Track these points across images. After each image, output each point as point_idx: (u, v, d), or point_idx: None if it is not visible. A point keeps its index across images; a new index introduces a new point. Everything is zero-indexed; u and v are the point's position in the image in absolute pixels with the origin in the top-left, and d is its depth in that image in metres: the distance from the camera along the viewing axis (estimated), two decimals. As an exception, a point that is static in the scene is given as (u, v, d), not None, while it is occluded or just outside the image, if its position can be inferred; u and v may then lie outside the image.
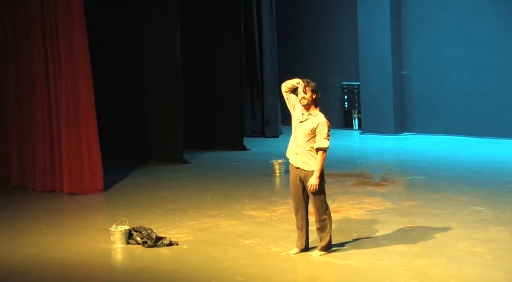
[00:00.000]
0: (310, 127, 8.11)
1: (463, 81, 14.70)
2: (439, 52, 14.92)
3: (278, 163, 12.20)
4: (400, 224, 9.08)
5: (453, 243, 8.43)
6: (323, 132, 8.12)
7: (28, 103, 11.90)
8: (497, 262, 7.81)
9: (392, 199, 10.42)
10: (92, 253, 8.78)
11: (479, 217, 9.42)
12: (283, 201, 10.44)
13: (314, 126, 8.10)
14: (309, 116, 8.15)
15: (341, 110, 16.20)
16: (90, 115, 11.49)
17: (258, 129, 15.74)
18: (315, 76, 16.36)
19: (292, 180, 8.29)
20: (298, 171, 8.19)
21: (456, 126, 14.76)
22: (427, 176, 11.76)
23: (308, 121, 8.14)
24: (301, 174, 8.17)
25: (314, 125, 8.11)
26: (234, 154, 14.08)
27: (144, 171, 12.92)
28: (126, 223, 9.03)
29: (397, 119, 15.33)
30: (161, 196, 11.20)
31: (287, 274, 7.81)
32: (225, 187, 11.55)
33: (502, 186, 10.95)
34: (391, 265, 7.81)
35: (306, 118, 8.15)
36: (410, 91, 15.32)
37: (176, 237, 9.00)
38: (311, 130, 8.11)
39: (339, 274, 7.73)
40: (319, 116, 8.16)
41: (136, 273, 8.06)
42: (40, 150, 11.80)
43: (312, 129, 8.11)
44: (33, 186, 11.93)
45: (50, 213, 10.60)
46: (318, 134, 8.11)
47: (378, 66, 15.28)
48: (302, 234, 8.30)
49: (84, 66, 11.41)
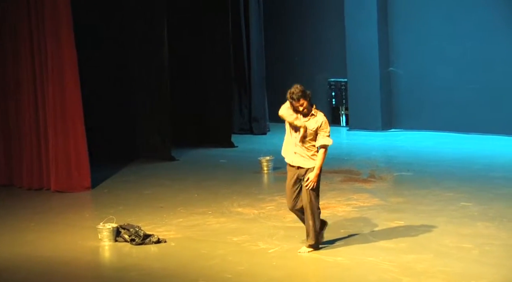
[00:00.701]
0: (314, 127, 8.16)
1: (450, 78, 14.74)
2: (426, 48, 14.94)
3: (266, 160, 12.21)
4: (388, 220, 9.11)
5: (440, 239, 8.46)
6: (326, 129, 8.20)
7: (15, 101, 11.86)
8: (484, 257, 7.85)
9: (379, 196, 10.45)
10: (80, 250, 8.77)
11: (466, 213, 9.46)
12: (271, 197, 10.46)
13: (318, 125, 8.16)
14: (311, 116, 8.18)
15: (328, 107, 16.19)
16: (77, 113, 11.46)
17: (246, 126, 15.73)
18: (302, 73, 16.48)
19: (289, 179, 8.27)
20: (297, 170, 8.20)
21: (443, 122, 14.80)
22: (415, 172, 11.79)
23: (311, 121, 8.18)
24: (301, 172, 8.18)
25: (318, 124, 8.16)
26: (222, 151, 14.08)
27: (131, 169, 12.90)
28: (114, 220, 9.02)
29: (385, 116, 15.36)
30: (149, 193, 11.19)
31: (275, 271, 7.82)
32: (213, 184, 11.55)
33: (489, 181, 10.99)
34: (379, 261, 7.84)
35: (309, 118, 8.18)
36: (397, 88, 15.35)
37: (164, 235, 9.00)
38: (315, 130, 8.16)
39: (327, 271, 7.75)
40: (320, 115, 8.24)
41: (124, 270, 8.06)
42: (27, 147, 11.77)
43: (317, 128, 8.15)
44: (20, 184, 11.89)
45: (38, 211, 10.57)
46: (321, 131, 8.17)
47: (365, 63, 15.30)
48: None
49: (70, 63, 11.38)
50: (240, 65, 15.49)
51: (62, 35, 11.32)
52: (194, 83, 14.94)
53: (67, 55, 11.35)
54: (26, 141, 11.77)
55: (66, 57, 11.36)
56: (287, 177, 8.31)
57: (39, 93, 11.60)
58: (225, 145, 14.38)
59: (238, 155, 13.81)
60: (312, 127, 8.15)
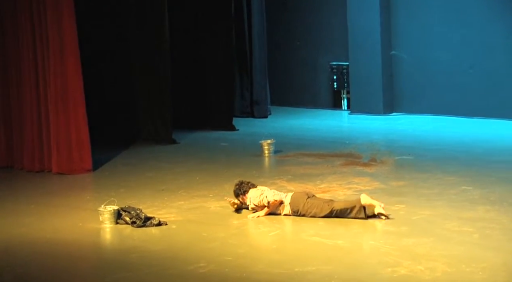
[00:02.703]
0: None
1: (452, 61, 14.72)
2: (428, 32, 14.91)
3: (267, 143, 12.20)
4: (388, 204, 9.10)
5: (441, 223, 8.47)
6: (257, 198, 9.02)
7: (16, 83, 11.84)
8: (485, 241, 7.85)
9: (380, 179, 10.45)
10: (81, 232, 8.78)
11: (467, 197, 9.46)
12: (272, 181, 10.46)
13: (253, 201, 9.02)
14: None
15: (330, 91, 16.20)
16: (78, 94, 11.44)
17: (247, 109, 15.73)
18: (304, 56, 16.47)
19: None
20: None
21: (445, 106, 14.79)
22: (416, 156, 11.79)
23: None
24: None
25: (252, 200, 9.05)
26: (223, 134, 14.07)
27: (132, 151, 12.90)
28: (115, 203, 9.02)
29: (386, 99, 15.35)
30: (150, 176, 11.20)
31: (276, 254, 7.83)
32: (214, 167, 11.56)
33: (490, 165, 10.99)
34: (379, 245, 7.85)
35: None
36: (399, 72, 15.33)
37: (165, 217, 9.01)
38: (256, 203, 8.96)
39: (328, 254, 7.75)
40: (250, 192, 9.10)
41: (125, 252, 8.07)
42: (28, 129, 11.77)
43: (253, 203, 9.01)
44: (20, 166, 11.90)
45: (38, 193, 10.58)
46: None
47: (367, 46, 15.27)
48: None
49: (72, 45, 11.35)
50: (241, 49, 15.46)
51: (63, 14, 11.25)
52: (195, 66, 14.92)
53: (68, 36, 11.30)
54: (27, 123, 11.77)
55: (67, 38, 11.31)
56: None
57: (40, 74, 11.57)
58: (226, 128, 14.37)
59: (239, 138, 13.81)
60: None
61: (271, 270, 7.30)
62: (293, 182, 10.42)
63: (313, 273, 7.17)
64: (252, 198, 8.99)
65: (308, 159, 11.79)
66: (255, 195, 8.97)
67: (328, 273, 7.19)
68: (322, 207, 8.68)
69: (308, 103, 16.38)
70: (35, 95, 11.66)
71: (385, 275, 7.04)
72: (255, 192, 9.01)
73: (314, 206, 8.72)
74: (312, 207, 8.72)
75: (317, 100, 16.38)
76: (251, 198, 9.00)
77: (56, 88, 11.41)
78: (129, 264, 7.69)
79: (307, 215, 8.75)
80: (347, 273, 7.24)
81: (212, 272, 7.32)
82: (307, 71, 16.39)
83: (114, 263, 7.83)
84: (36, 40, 11.52)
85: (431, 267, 7.14)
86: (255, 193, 9.00)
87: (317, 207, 8.71)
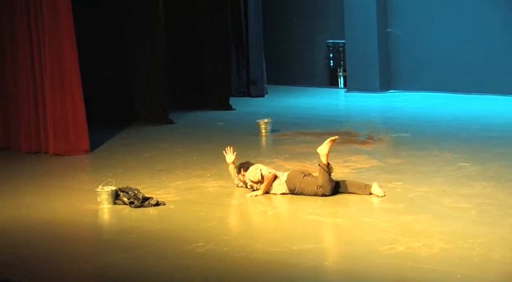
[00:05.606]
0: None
1: (448, 38, 14.68)
2: (424, 9, 14.87)
3: (264, 123, 12.20)
4: (386, 182, 9.13)
5: (438, 199, 8.49)
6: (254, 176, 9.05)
7: (11, 64, 11.81)
8: (482, 217, 7.88)
9: (377, 157, 10.46)
10: (79, 213, 8.80)
11: (464, 173, 9.48)
12: (269, 160, 10.46)
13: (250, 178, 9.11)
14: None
15: (326, 69, 16.17)
16: (74, 75, 11.42)
17: (244, 88, 15.69)
18: (300, 35, 16.42)
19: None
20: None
21: (441, 83, 14.78)
22: (413, 133, 11.80)
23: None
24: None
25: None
26: (220, 114, 14.06)
27: (130, 132, 12.89)
28: (112, 183, 9.03)
29: (383, 77, 15.33)
30: (148, 156, 11.20)
31: (274, 233, 7.86)
32: (211, 147, 11.55)
33: (486, 141, 11.00)
34: (377, 222, 7.87)
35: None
36: (395, 49, 15.30)
37: (163, 197, 9.02)
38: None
39: (326, 232, 7.78)
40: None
41: (123, 233, 8.09)
42: (25, 110, 11.75)
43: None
44: (18, 147, 11.90)
45: (36, 174, 10.59)
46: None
47: (363, 24, 15.22)
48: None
49: (67, 26, 11.31)
50: (237, 27, 15.40)
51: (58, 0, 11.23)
52: (192, 46, 14.87)
53: (64, 16, 11.26)
54: (23, 104, 11.75)
55: (63, 18, 11.27)
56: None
57: (35, 55, 11.54)
58: (223, 108, 14.36)
59: (236, 117, 13.79)
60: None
61: (270, 248, 7.33)
62: (291, 160, 10.42)
63: (311, 251, 7.19)
64: (249, 174, 9.02)
65: (305, 137, 11.79)
66: (252, 171, 9.00)
67: (326, 251, 7.21)
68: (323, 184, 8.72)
69: (305, 81, 16.36)
70: (31, 76, 11.63)
71: (383, 252, 7.06)
72: (252, 169, 9.04)
73: (311, 184, 8.73)
74: (309, 185, 8.73)
75: (314, 79, 16.35)
76: (248, 175, 9.03)
77: (52, 69, 11.38)
78: (127, 244, 7.71)
79: (305, 193, 8.76)
80: (345, 251, 7.27)
81: (210, 252, 7.34)
82: (303, 50, 16.35)
83: (113, 244, 7.85)
84: (31, 21, 11.47)
85: (429, 244, 7.17)
86: (252, 169, 9.03)
87: (313, 185, 8.72)
